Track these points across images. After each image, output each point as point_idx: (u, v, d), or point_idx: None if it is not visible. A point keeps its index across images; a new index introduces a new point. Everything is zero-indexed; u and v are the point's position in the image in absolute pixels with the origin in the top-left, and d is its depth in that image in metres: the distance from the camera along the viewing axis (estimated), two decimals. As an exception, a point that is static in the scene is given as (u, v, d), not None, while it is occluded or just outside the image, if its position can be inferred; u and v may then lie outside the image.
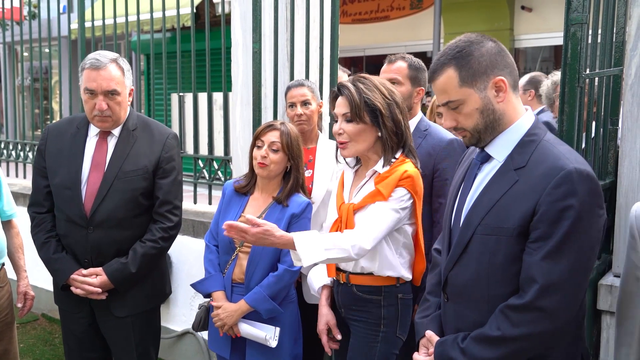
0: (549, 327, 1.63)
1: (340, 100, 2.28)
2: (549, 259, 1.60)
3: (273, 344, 2.48)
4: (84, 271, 2.64)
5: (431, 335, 1.89)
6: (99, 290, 2.63)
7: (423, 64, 2.80)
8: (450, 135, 2.69)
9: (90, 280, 2.63)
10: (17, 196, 4.90)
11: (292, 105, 2.97)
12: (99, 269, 2.64)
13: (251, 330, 2.52)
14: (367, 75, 2.31)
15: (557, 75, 3.92)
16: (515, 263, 1.67)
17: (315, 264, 2.27)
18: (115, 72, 2.60)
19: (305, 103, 2.95)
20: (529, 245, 1.64)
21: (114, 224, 2.64)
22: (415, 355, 1.91)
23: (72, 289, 2.65)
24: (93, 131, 2.72)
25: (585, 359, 1.81)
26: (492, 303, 1.70)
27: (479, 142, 1.78)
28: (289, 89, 3.04)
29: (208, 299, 2.68)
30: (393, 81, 2.65)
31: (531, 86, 4.58)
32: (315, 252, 2.09)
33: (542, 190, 1.61)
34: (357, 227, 2.21)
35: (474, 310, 1.75)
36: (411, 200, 2.24)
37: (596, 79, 2.74)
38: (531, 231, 1.63)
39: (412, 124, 2.74)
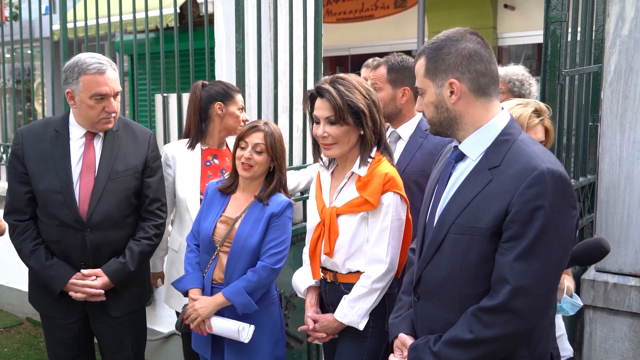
0: (521, 328, 1.63)
1: (321, 103, 2.28)
2: (521, 259, 1.60)
3: (245, 339, 2.44)
4: (85, 271, 2.63)
5: (405, 339, 1.89)
6: (102, 291, 2.63)
7: (408, 61, 2.71)
8: None
9: (92, 282, 2.62)
10: (-1, 199, 4.86)
11: (242, 109, 3.00)
12: (99, 270, 2.64)
13: (223, 323, 2.49)
14: (344, 76, 2.32)
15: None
16: (487, 263, 1.67)
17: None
18: (115, 73, 2.65)
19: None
20: (501, 245, 1.65)
21: (110, 224, 2.65)
22: (391, 357, 1.92)
23: (72, 293, 2.62)
24: (76, 134, 2.69)
25: (554, 358, 1.82)
26: (464, 302, 1.71)
27: (437, 133, 1.83)
28: (237, 91, 3.00)
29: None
30: (374, 86, 2.64)
31: None
32: (352, 315, 2.28)
33: (514, 190, 1.62)
34: (370, 255, 2.28)
35: (445, 310, 1.76)
36: (405, 204, 2.29)
37: (576, 76, 2.77)
38: (504, 231, 1.64)
39: (412, 124, 2.69)
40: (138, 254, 2.69)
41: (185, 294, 2.63)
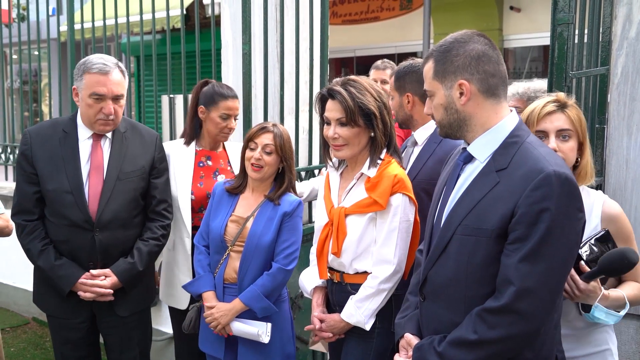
0: (525, 329, 1.64)
1: (333, 104, 2.30)
2: (526, 261, 1.60)
3: (265, 339, 2.49)
4: (94, 272, 2.64)
5: (410, 339, 1.90)
6: (111, 291, 2.65)
7: (413, 66, 2.64)
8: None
9: (101, 282, 2.63)
10: (6, 199, 4.87)
11: (228, 117, 2.95)
12: (108, 270, 2.66)
13: (243, 327, 2.52)
14: (355, 78, 2.33)
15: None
16: (493, 264, 1.67)
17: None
18: (120, 76, 2.65)
19: (236, 117, 2.97)
20: (506, 247, 1.65)
21: (118, 224, 2.67)
22: (396, 356, 1.93)
23: (80, 293, 2.63)
24: (84, 134, 2.71)
25: None
26: (469, 303, 1.71)
27: (447, 136, 1.84)
28: (226, 97, 2.95)
29: (200, 300, 2.68)
30: (388, 95, 2.64)
31: None
32: (358, 315, 2.28)
33: (521, 192, 1.62)
34: (377, 256, 2.29)
35: (450, 310, 1.76)
36: (413, 206, 2.30)
37: (583, 78, 2.77)
38: (509, 233, 1.64)
39: (428, 128, 2.61)
40: (146, 254, 2.72)
41: (198, 297, 2.64)
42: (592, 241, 1.98)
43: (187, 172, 2.94)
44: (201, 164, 2.99)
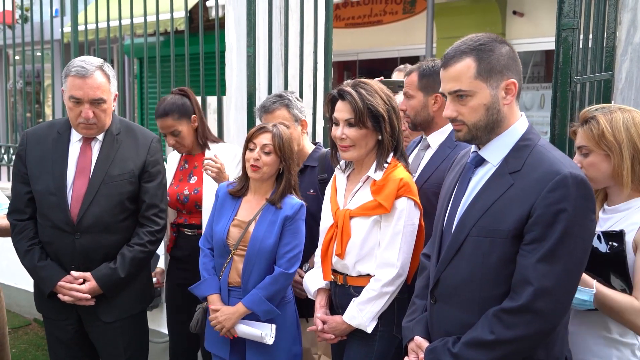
0: (542, 329, 1.65)
1: (342, 105, 2.31)
2: (544, 261, 1.62)
3: (269, 341, 2.50)
4: (74, 273, 2.61)
5: (421, 342, 1.90)
6: (88, 296, 2.61)
7: (440, 66, 2.57)
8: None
9: (79, 286, 2.60)
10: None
11: (164, 135, 3.13)
12: (88, 274, 2.62)
13: (247, 329, 2.53)
14: (366, 80, 2.34)
15: None
16: (508, 265, 1.69)
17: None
18: (101, 79, 2.58)
19: (173, 134, 3.08)
20: (523, 248, 1.66)
21: (101, 228, 2.62)
22: (406, 359, 1.92)
23: (60, 296, 2.62)
24: (76, 136, 2.69)
25: None
26: (483, 304, 1.72)
27: (473, 139, 1.80)
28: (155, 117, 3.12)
29: (206, 301, 2.69)
30: (406, 94, 2.58)
31: None
32: (360, 317, 2.28)
33: (537, 193, 1.64)
34: (381, 259, 2.27)
35: (463, 312, 1.77)
36: (418, 210, 2.30)
37: (587, 83, 2.77)
38: (525, 234, 1.66)
39: (443, 132, 2.53)
40: (129, 260, 2.65)
41: (204, 299, 2.64)
42: (601, 233, 1.91)
43: (170, 175, 3.15)
44: (181, 168, 3.17)
